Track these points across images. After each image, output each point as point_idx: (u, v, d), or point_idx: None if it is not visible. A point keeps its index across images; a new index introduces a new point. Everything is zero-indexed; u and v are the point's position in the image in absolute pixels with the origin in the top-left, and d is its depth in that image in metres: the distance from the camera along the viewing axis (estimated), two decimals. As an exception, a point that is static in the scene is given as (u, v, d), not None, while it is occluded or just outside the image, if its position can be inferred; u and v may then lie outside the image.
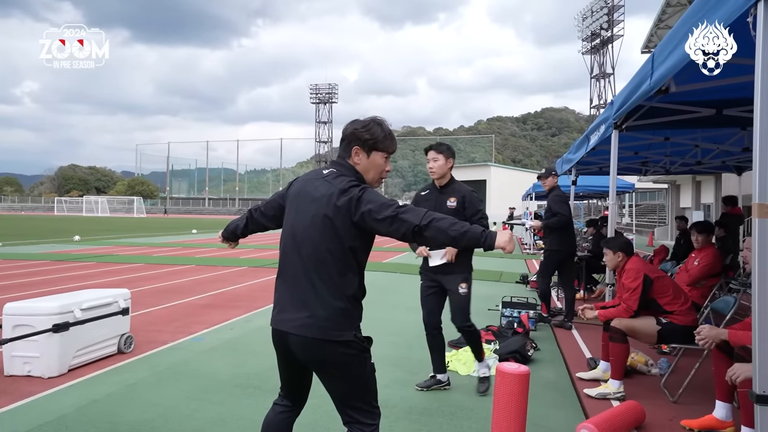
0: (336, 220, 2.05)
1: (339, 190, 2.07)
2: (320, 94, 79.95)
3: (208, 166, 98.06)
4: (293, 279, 2.11)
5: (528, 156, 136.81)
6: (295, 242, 2.13)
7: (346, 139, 2.23)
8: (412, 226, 1.95)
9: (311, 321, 2.03)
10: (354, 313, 2.12)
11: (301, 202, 2.17)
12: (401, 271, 11.75)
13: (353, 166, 2.20)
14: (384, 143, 2.22)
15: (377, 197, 2.06)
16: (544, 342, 5.61)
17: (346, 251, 2.06)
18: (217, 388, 4.11)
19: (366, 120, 2.24)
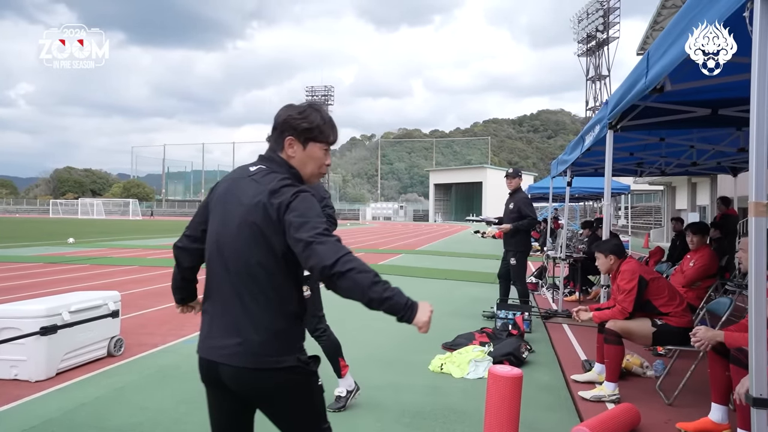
0: (266, 228, 1.73)
1: (268, 190, 1.75)
2: (316, 96, 79.76)
3: (203, 168, 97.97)
4: (221, 299, 1.80)
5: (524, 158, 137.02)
6: (222, 256, 1.81)
7: (278, 128, 1.88)
8: (321, 266, 1.60)
9: (244, 348, 1.72)
10: (295, 333, 1.82)
11: (226, 208, 1.84)
12: (399, 273, 11.70)
13: (286, 160, 1.87)
14: (323, 132, 1.89)
15: (307, 209, 1.73)
16: (538, 344, 5.57)
17: (280, 263, 1.75)
18: (207, 392, 4.04)
19: (301, 105, 1.91)
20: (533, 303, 7.65)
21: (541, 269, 10.08)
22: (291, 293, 1.80)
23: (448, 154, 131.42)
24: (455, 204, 77.77)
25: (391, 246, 21.30)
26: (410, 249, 19.61)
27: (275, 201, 1.73)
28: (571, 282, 8.97)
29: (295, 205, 1.72)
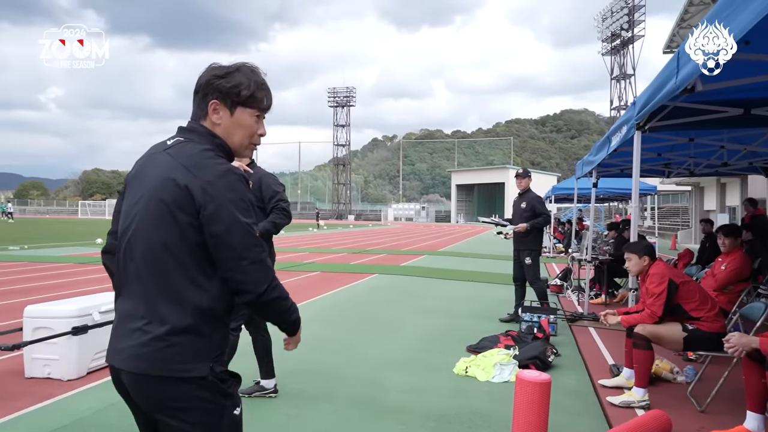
0: (176, 208, 1.45)
1: (183, 165, 1.47)
2: (338, 98, 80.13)
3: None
4: (127, 293, 1.53)
5: (547, 158, 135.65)
6: (128, 242, 1.53)
7: (200, 91, 1.60)
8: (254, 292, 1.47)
9: (145, 349, 1.43)
10: (211, 336, 1.49)
11: (136, 187, 1.57)
12: (421, 275, 11.68)
13: (210, 129, 1.59)
14: (254, 95, 1.60)
15: (238, 203, 1.47)
16: (564, 347, 5.50)
17: (192, 248, 1.46)
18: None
19: (230, 65, 1.62)
20: (558, 305, 7.56)
21: (566, 271, 9.95)
22: (208, 285, 1.48)
23: (470, 155, 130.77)
24: (477, 205, 77.31)
25: (414, 247, 21.27)
26: (433, 250, 19.56)
27: (193, 177, 1.45)
28: (596, 284, 8.85)
29: (223, 195, 1.45)
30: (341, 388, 4.25)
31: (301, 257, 15.73)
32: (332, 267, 13.13)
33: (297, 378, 4.47)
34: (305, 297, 8.49)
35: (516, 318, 6.58)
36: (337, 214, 77.80)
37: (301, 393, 4.11)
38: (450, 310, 7.61)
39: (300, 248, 19.32)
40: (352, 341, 5.78)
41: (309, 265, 13.42)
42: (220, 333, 1.53)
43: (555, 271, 12.08)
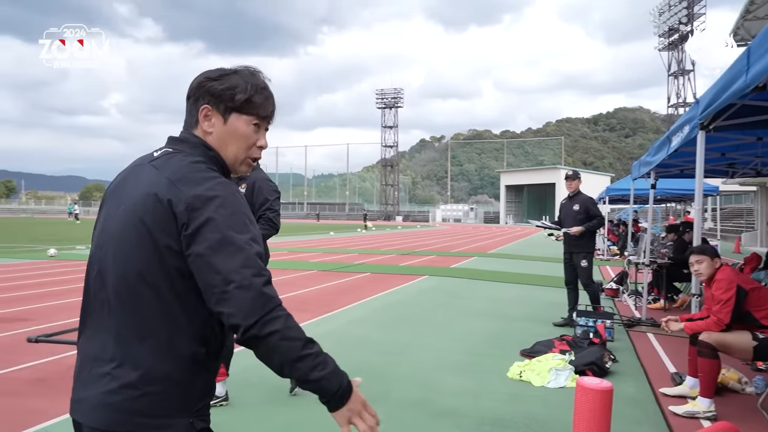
0: (156, 229, 1.22)
1: (168, 178, 1.25)
2: (386, 99, 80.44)
3: (277, 171, 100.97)
4: (93, 328, 1.29)
5: (600, 158, 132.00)
6: (99, 268, 1.30)
7: (191, 96, 1.39)
8: (237, 323, 1.14)
9: (113, 398, 1.19)
10: (192, 385, 1.24)
11: (113, 203, 1.34)
12: (469, 277, 11.59)
13: (202, 138, 1.37)
14: (251, 100, 1.37)
15: (230, 219, 1.21)
16: (622, 353, 5.35)
17: (174, 278, 1.21)
18: (288, 395, 4.17)
19: (225, 68, 1.41)
20: (614, 310, 7.36)
21: (622, 274, 9.66)
22: (191, 324, 1.24)
23: (520, 155, 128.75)
24: (527, 206, 75.99)
25: (463, 249, 21.12)
26: (482, 252, 19.36)
27: (177, 191, 1.22)
28: (655, 289, 8.55)
29: (211, 210, 1.20)
30: (394, 389, 4.27)
31: (351, 258, 15.88)
32: (382, 269, 13.19)
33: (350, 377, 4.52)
34: (356, 298, 8.57)
35: (570, 322, 6.45)
36: (384, 215, 78.08)
37: (354, 393, 4.15)
38: (501, 313, 7.52)
39: (349, 249, 19.50)
40: (404, 343, 5.79)
41: (359, 266, 13.53)
42: (203, 381, 1.27)
43: (610, 275, 11.75)
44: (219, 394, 3.80)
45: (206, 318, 1.25)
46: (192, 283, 1.22)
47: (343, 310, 7.66)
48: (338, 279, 11.07)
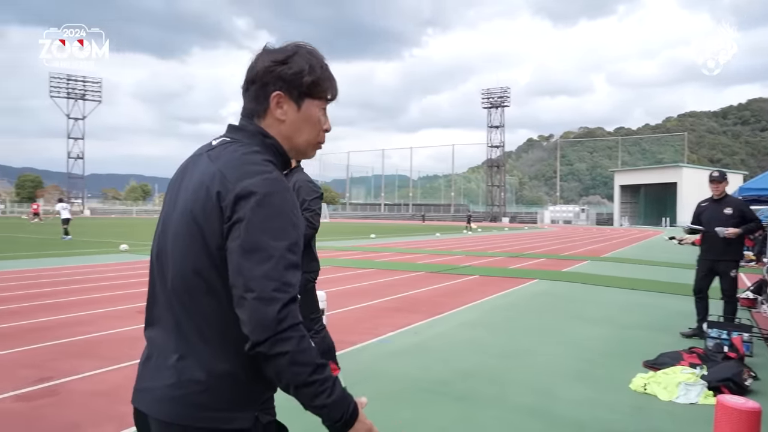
0: (205, 223, 1.19)
1: (220, 170, 1.21)
2: (492, 99, 79.06)
3: (383, 173, 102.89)
4: (158, 322, 1.29)
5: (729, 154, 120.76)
6: (159, 262, 1.30)
7: (256, 81, 1.31)
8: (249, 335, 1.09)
9: (178, 392, 1.19)
10: (256, 380, 1.22)
11: (172, 195, 1.32)
12: (582, 281, 11.12)
13: (261, 128, 1.31)
14: (320, 84, 1.32)
15: (267, 221, 1.15)
16: (763, 370, 4.89)
17: (226, 274, 1.17)
18: (406, 392, 4.27)
19: (285, 46, 1.33)
20: (752, 322, 6.74)
21: (761, 283, 8.81)
22: None
23: (636, 153, 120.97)
24: (644, 207, 71.28)
25: (575, 252, 20.27)
26: (596, 255, 18.47)
27: (227, 184, 1.18)
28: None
29: (249, 209, 1.15)
30: (509, 393, 4.24)
31: (458, 260, 15.83)
32: (490, 271, 13.03)
33: (463, 379, 4.55)
34: (467, 300, 8.55)
35: (700, 333, 6.01)
36: (490, 216, 76.79)
37: (468, 395, 4.18)
38: (619, 321, 7.16)
39: (456, 251, 19.44)
40: (517, 347, 5.71)
41: (467, 269, 13.46)
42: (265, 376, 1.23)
43: (745, 283, 10.75)
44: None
45: None
46: None
47: (454, 312, 7.68)
48: (447, 281, 11.10)
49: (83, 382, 4.35)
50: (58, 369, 4.67)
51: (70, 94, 78.99)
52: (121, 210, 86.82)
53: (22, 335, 5.85)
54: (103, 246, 18.78)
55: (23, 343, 5.50)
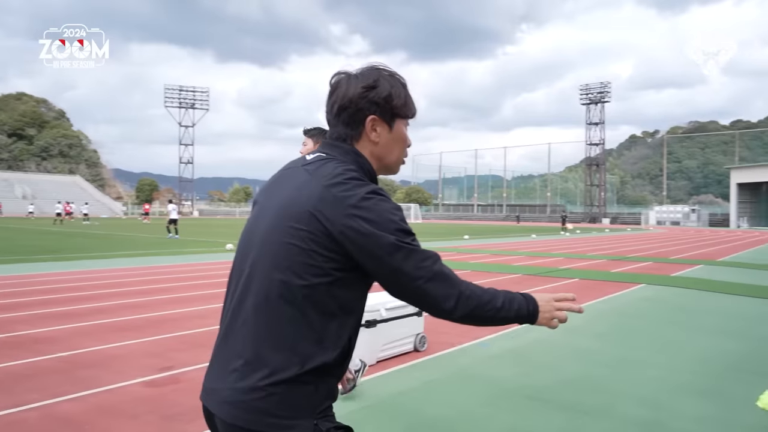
0: (306, 233, 1.24)
1: (323, 184, 1.27)
2: (591, 94, 75.56)
3: (476, 173, 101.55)
4: (230, 324, 1.34)
5: None
6: (242, 268, 1.36)
7: (349, 107, 1.37)
8: (440, 311, 1.29)
9: (240, 397, 1.24)
10: (317, 387, 1.27)
11: (262, 205, 1.40)
12: (696, 287, 10.36)
13: (355, 148, 1.39)
14: (407, 103, 1.42)
15: (388, 221, 1.24)
16: None
17: (315, 285, 1.25)
18: (507, 397, 4.21)
19: (367, 72, 1.40)
20: None
21: None
22: (325, 332, 1.26)
23: (756, 148, 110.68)
24: (767, 207, 65.07)
25: (685, 255, 18.91)
26: (710, 259, 17.12)
27: (333, 199, 1.24)
28: None
29: (371, 214, 1.23)
30: (619, 405, 4.05)
31: (556, 262, 15.31)
32: (591, 274, 12.49)
33: (567, 388, 4.41)
34: (566, 305, 8.25)
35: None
36: (589, 217, 73.50)
37: (573, 405, 4.04)
38: (742, 332, 6.60)
39: (554, 253, 18.81)
40: (624, 356, 5.44)
41: (566, 272, 12.99)
42: (327, 384, 1.30)
43: None
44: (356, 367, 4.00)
45: (338, 328, 1.28)
46: (330, 293, 1.26)
47: (554, 317, 7.43)
48: (545, 284, 10.77)
49: (202, 371, 4.69)
50: (178, 359, 5.06)
51: (181, 103, 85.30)
52: (226, 211, 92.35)
53: (146, 327, 6.40)
54: (212, 245, 20.05)
55: (147, 334, 6.01)
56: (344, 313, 1.29)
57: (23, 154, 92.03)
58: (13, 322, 6.50)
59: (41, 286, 9.51)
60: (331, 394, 1.32)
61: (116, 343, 5.60)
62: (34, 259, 14.18)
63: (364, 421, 3.66)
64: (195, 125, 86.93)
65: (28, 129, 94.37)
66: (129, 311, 7.30)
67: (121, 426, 3.54)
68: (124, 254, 15.94)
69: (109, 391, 4.18)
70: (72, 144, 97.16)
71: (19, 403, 3.83)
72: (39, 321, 6.61)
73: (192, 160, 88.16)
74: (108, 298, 8.27)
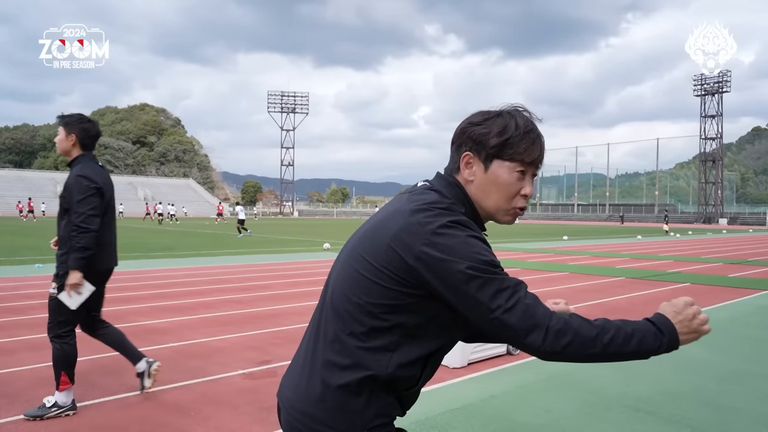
0: (379, 256, 1.24)
1: (408, 210, 1.26)
2: (706, 85, 69.80)
3: (576, 171, 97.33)
4: (309, 327, 1.41)
5: None
6: (327, 285, 1.41)
7: (455, 141, 1.38)
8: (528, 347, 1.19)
9: (298, 401, 1.31)
10: (368, 402, 1.26)
11: (367, 221, 1.41)
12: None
13: (460, 183, 1.35)
14: (514, 145, 1.31)
15: (461, 249, 1.19)
16: None
17: (384, 309, 1.24)
18: (605, 406, 3.99)
19: (494, 111, 1.36)
20: None
21: None
22: (382, 350, 1.25)
23: None
24: None
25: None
26: None
27: (408, 224, 1.23)
28: None
29: (448, 241, 1.19)
30: (734, 422, 3.70)
31: (663, 266, 14.30)
32: (704, 279, 11.54)
33: (675, 400, 4.10)
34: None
35: None
36: (703, 217, 68.01)
37: (680, 419, 3.74)
38: None
39: (662, 255, 17.59)
40: (744, 369, 4.96)
41: (675, 275, 12.11)
42: (381, 401, 1.28)
43: None
44: (63, 403, 3.59)
45: (409, 357, 1.26)
46: (405, 322, 1.24)
47: (661, 324, 6.95)
48: (651, 288, 10.10)
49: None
50: (276, 353, 5.28)
51: (283, 108, 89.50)
52: (324, 211, 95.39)
53: (246, 321, 6.74)
54: (311, 245, 20.77)
55: (248, 329, 6.33)
56: (412, 333, 1.27)
57: (145, 159, 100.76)
58: (132, 314, 7.10)
59: (156, 281, 10.33)
60: (387, 410, 1.30)
61: (219, 336, 5.95)
62: (151, 255, 15.42)
63: (452, 424, 3.61)
64: (295, 129, 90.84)
65: (150, 137, 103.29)
66: (232, 306, 7.73)
67: (222, 414, 3.75)
68: (228, 252, 16.92)
69: (212, 381, 4.45)
70: (186, 149, 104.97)
71: (134, 388, 4.17)
72: (154, 313, 7.18)
73: (293, 163, 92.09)
74: (213, 294, 8.81)
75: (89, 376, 4.49)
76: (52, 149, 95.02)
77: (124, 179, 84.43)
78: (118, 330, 4.02)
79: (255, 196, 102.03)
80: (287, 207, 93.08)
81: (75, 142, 3.65)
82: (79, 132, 3.64)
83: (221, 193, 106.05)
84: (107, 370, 4.66)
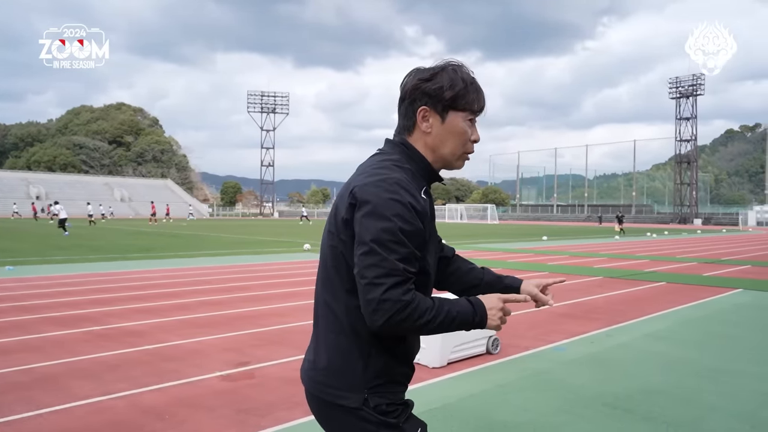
0: (337, 220, 1.40)
1: (356, 175, 1.42)
2: (681, 88, 71.01)
3: (556, 172, 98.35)
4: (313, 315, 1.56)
5: None
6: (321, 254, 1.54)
7: (406, 98, 1.44)
8: (371, 321, 1.30)
9: (311, 372, 1.48)
10: (368, 362, 1.40)
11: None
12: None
13: (406, 140, 1.45)
14: (466, 96, 1.41)
15: (381, 207, 1.30)
16: None
17: (350, 269, 1.37)
18: (584, 405, 4.01)
19: (433, 65, 1.45)
20: None
21: None
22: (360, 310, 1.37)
23: None
24: None
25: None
26: (818, 264, 15.61)
27: (354, 186, 1.36)
28: None
29: (365, 196, 1.32)
30: (710, 419, 3.75)
31: (640, 265, 14.50)
32: (680, 278, 11.73)
33: (652, 398, 4.14)
34: (652, 310, 7.79)
35: None
36: (679, 218, 69.22)
37: (658, 416, 3.78)
38: None
39: (638, 255, 17.84)
40: (720, 367, 5.04)
41: (651, 275, 12.28)
42: (379, 362, 1.41)
43: None
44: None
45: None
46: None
47: (636, 322, 7.04)
48: (627, 287, 10.23)
49: (277, 368, 4.80)
50: (254, 355, 5.21)
51: (263, 108, 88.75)
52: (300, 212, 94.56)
53: (224, 323, 6.65)
54: (291, 245, 20.63)
55: (226, 330, 6.25)
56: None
57: (122, 159, 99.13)
58: (107, 316, 6.95)
59: (132, 282, 10.15)
60: (387, 369, 1.42)
61: (196, 338, 5.86)
62: (128, 257, 15.16)
63: (431, 424, 3.59)
64: (276, 129, 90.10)
65: (126, 136, 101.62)
66: (209, 308, 7.62)
67: (198, 417, 3.68)
68: (206, 253, 16.72)
69: (188, 384, 4.36)
70: (164, 150, 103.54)
71: (108, 392, 4.07)
72: (129, 315, 7.04)
73: (273, 163, 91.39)
74: (190, 295, 8.69)
75: (62, 379, 4.38)
76: (24, 149, 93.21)
77: (100, 179, 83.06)
78: None
79: (235, 196, 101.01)
80: (267, 208, 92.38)
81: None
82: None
83: (200, 193, 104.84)
84: (82, 374, 4.55)
